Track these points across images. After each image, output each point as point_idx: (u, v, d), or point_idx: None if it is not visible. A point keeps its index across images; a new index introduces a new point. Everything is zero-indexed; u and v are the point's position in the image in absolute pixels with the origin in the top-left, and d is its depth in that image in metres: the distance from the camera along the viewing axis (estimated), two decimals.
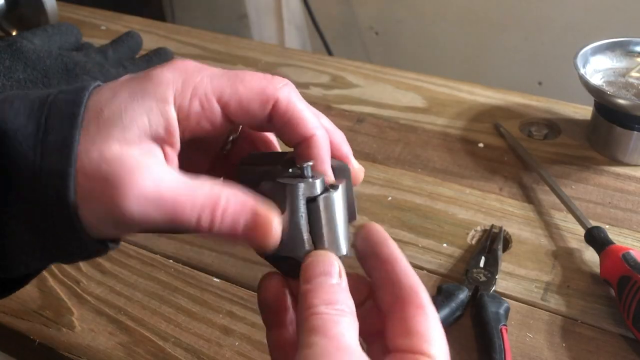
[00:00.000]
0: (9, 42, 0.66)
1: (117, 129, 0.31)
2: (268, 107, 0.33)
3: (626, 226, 0.54)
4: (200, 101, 0.33)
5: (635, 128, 0.59)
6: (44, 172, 0.30)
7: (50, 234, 0.32)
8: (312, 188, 0.33)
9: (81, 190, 0.31)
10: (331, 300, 0.30)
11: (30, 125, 0.31)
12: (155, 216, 0.30)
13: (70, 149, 0.30)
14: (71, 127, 0.31)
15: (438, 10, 1.43)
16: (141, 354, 0.45)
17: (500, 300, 0.45)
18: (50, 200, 0.31)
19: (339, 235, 0.34)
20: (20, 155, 0.31)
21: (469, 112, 0.70)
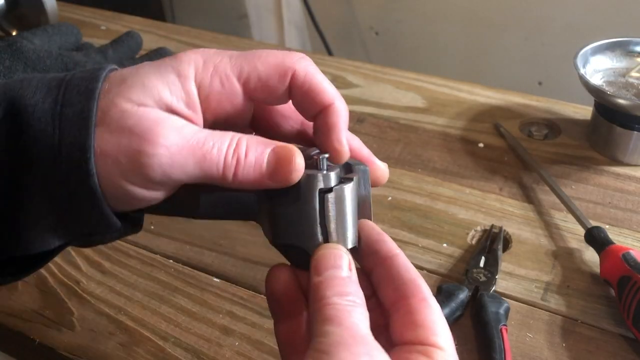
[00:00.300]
0: (9, 42, 0.66)
1: (140, 93, 0.31)
2: (286, 79, 0.34)
3: (626, 226, 0.54)
4: (221, 79, 0.33)
5: (635, 128, 0.59)
6: (64, 145, 0.30)
7: (71, 207, 0.31)
8: (327, 180, 0.33)
9: (105, 148, 0.31)
10: (343, 292, 0.30)
11: (48, 100, 0.31)
12: (182, 163, 0.31)
13: (89, 121, 0.30)
14: (88, 99, 0.31)
15: (438, 10, 1.43)
16: (141, 354, 0.45)
17: (500, 300, 0.45)
18: (70, 173, 0.31)
19: (348, 227, 0.35)
20: (38, 130, 0.31)
21: (469, 112, 0.70)
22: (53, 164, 0.31)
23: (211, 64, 0.33)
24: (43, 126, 0.31)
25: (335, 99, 0.34)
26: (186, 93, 0.32)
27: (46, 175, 0.31)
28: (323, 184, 0.34)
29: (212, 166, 0.31)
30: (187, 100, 0.32)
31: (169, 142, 0.30)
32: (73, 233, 0.32)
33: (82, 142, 0.30)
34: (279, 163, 0.32)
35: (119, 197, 0.32)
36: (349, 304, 0.30)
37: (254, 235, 0.54)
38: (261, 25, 1.55)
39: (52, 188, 0.31)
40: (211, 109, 0.33)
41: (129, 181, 0.31)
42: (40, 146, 0.31)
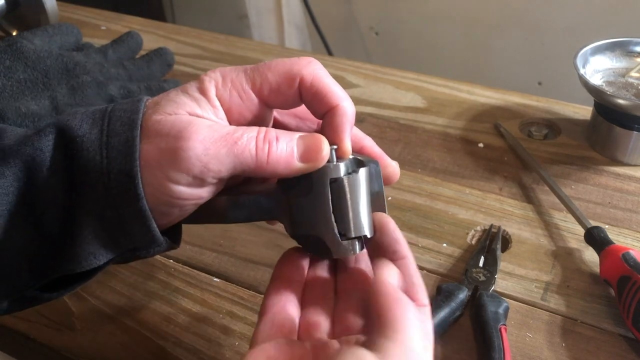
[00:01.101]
0: (9, 42, 0.66)
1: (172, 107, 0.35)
2: (295, 84, 0.37)
3: (626, 226, 0.54)
4: (238, 92, 0.36)
5: (635, 128, 0.59)
6: (112, 173, 0.34)
7: (121, 226, 0.35)
8: (337, 170, 0.36)
9: (147, 157, 0.34)
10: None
11: (94, 131, 0.35)
12: (216, 153, 0.34)
13: (133, 147, 0.34)
14: (132, 129, 0.34)
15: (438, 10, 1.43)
16: (141, 354, 0.45)
17: (500, 300, 0.45)
18: (119, 197, 0.34)
19: (361, 216, 0.37)
20: (88, 159, 0.34)
21: (468, 112, 0.70)
22: (104, 189, 0.34)
23: (229, 80, 0.36)
24: (92, 155, 0.34)
25: (341, 100, 0.37)
26: (213, 107, 0.36)
27: (97, 199, 0.34)
28: (334, 174, 0.36)
29: (245, 152, 0.34)
30: (215, 112, 0.36)
31: (201, 136, 0.34)
32: (121, 249, 0.36)
33: (129, 169, 0.34)
34: (308, 146, 0.36)
35: (164, 207, 0.35)
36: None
37: (254, 235, 0.54)
38: (261, 25, 1.55)
39: (103, 210, 0.34)
40: (234, 119, 0.37)
41: (172, 181, 0.34)
42: (90, 173, 0.34)
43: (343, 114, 0.37)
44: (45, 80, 0.64)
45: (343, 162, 0.36)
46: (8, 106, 0.61)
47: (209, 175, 0.34)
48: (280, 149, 0.35)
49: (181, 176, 0.34)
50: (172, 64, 0.75)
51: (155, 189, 0.34)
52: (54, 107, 0.63)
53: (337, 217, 0.36)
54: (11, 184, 0.34)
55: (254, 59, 0.82)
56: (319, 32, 1.49)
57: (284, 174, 0.36)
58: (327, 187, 0.36)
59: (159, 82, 0.70)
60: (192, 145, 0.33)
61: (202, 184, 0.35)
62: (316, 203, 0.36)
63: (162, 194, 0.34)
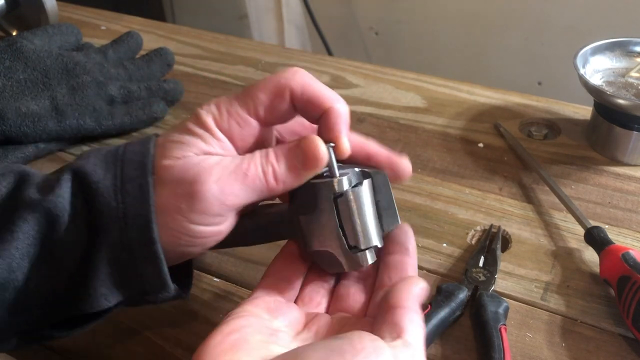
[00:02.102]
0: (9, 42, 0.66)
1: (179, 150, 0.36)
2: (286, 97, 0.38)
3: (626, 226, 0.54)
4: (237, 121, 0.37)
5: (634, 128, 0.59)
6: (129, 218, 0.35)
7: (134, 269, 0.36)
8: (340, 185, 0.36)
9: (164, 202, 0.36)
10: None
11: (108, 176, 0.36)
12: (231, 188, 0.35)
13: (147, 194, 0.35)
14: (144, 174, 0.36)
15: (438, 10, 1.43)
16: (141, 353, 0.45)
17: (500, 300, 0.45)
18: (135, 241, 0.35)
19: (369, 227, 0.37)
20: (104, 205, 0.36)
21: (468, 112, 0.70)
22: (119, 234, 0.35)
23: (224, 110, 0.38)
24: (107, 201, 0.36)
25: (333, 102, 0.38)
26: (218, 139, 0.37)
27: (114, 243, 0.35)
28: (337, 189, 0.36)
29: (255, 180, 0.36)
30: (221, 145, 0.37)
31: (215, 177, 0.35)
32: (131, 292, 0.37)
33: (145, 214, 0.35)
34: (306, 152, 0.36)
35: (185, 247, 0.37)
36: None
37: None
38: (261, 25, 1.55)
39: (119, 253, 0.36)
40: (239, 146, 0.38)
41: (194, 222, 0.36)
42: (107, 219, 0.35)
43: (336, 114, 0.38)
44: (45, 80, 0.64)
45: (346, 175, 0.37)
46: (8, 106, 0.61)
47: (227, 210, 0.36)
48: (282, 167, 0.37)
49: (202, 217, 0.35)
50: (172, 64, 0.75)
51: (176, 232, 0.36)
52: (54, 107, 0.63)
53: (345, 231, 0.37)
54: (32, 228, 0.35)
55: (253, 59, 0.82)
56: (319, 32, 1.49)
57: (298, 185, 0.37)
58: (332, 203, 0.36)
59: (159, 82, 0.70)
60: (208, 188, 0.35)
61: (220, 220, 0.37)
62: (323, 219, 0.37)
63: (183, 235, 0.36)
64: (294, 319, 0.36)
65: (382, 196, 0.39)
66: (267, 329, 0.34)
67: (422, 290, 0.35)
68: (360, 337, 0.30)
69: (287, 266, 0.40)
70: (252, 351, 0.31)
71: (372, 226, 0.37)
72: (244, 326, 0.33)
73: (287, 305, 0.37)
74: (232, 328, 0.33)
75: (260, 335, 0.33)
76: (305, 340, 0.35)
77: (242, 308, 0.35)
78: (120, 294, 0.37)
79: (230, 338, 0.32)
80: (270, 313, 0.35)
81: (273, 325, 0.35)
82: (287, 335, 0.34)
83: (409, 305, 0.33)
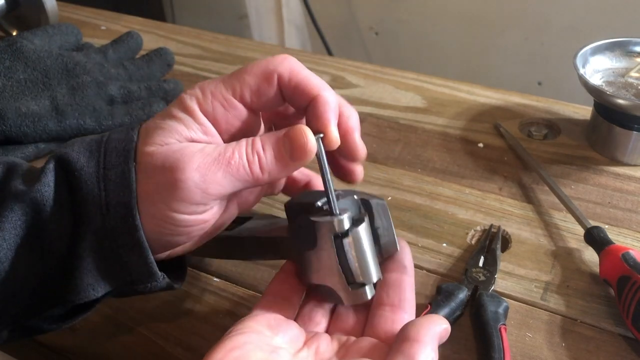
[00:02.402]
0: (9, 42, 0.66)
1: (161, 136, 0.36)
2: (274, 82, 0.37)
3: (626, 226, 0.54)
4: (221, 102, 0.36)
5: (634, 128, 0.59)
6: (111, 205, 0.35)
7: (119, 258, 0.36)
8: (340, 225, 0.36)
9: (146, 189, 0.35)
10: None
11: (92, 165, 0.36)
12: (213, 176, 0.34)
13: (129, 181, 0.35)
14: (127, 161, 0.35)
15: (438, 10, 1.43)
16: (141, 353, 0.45)
17: (500, 300, 0.45)
18: (118, 228, 0.35)
19: (368, 264, 0.37)
20: (87, 192, 0.35)
21: (468, 112, 0.70)
22: (102, 221, 0.35)
23: (208, 92, 0.37)
24: (90, 188, 0.35)
25: (321, 90, 0.37)
26: (200, 124, 0.36)
27: (96, 230, 0.35)
28: (337, 229, 0.36)
29: (239, 169, 0.35)
30: (203, 129, 0.36)
31: (196, 164, 0.34)
32: (118, 281, 0.36)
33: (127, 201, 0.35)
34: (294, 142, 0.35)
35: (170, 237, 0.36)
36: None
37: None
38: (261, 25, 1.55)
39: (102, 241, 0.35)
40: (223, 129, 0.37)
41: (176, 210, 0.35)
42: (90, 206, 0.35)
43: (324, 102, 0.37)
44: (45, 80, 0.64)
45: (346, 214, 0.36)
46: (8, 106, 0.61)
47: (210, 199, 0.35)
48: (270, 156, 0.36)
49: (184, 205, 0.35)
50: (172, 64, 0.75)
51: (159, 220, 0.35)
52: (54, 107, 0.63)
53: (344, 268, 0.37)
54: (19, 218, 0.35)
55: (253, 59, 0.82)
56: (319, 32, 1.49)
57: (285, 175, 0.37)
58: (332, 242, 0.36)
59: (159, 82, 0.70)
60: (189, 176, 0.34)
61: (205, 208, 0.36)
62: (323, 257, 0.37)
63: (167, 223, 0.35)
64: (294, 336, 0.36)
65: (381, 223, 0.39)
66: (268, 346, 0.33)
67: (443, 331, 0.34)
68: None
69: (287, 285, 0.39)
70: None
71: (372, 262, 0.37)
72: (245, 343, 0.33)
73: (286, 322, 0.37)
74: (234, 344, 0.32)
75: (262, 352, 0.33)
76: (305, 358, 0.35)
77: (243, 324, 0.35)
78: (108, 283, 0.36)
79: (232, 354, 0.32)
80: (271, 330, 0.35)
81: (274, 342, 0.34)
82: (287, 352, 0.34)
83: (426, 341, 0.32)
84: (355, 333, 0.37)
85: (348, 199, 0.38)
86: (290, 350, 0.35)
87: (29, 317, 0.37)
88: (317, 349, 0.35)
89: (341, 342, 0.36)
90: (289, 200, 0.40)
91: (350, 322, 0.38)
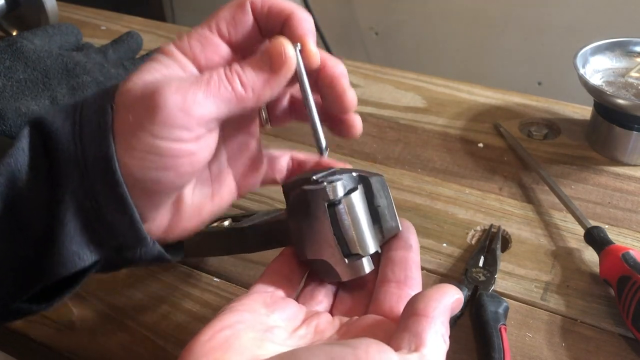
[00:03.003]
0: (9, 42, 0.66)
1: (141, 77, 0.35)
2: (247, 10, 0.37)
3: (626, 226, 0.54)
4: (198, 39, 0.37)
5: (634, 128, 0.59)
6: (88, 161, 0.33)
7: (102, 219, 0.34)
8: (333, 192, 0.35)
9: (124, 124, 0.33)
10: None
11: (67, 125, 0.34)
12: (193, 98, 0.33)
13: (106, 132, 0.33)
14: (104, 113, 0.34)
15: (438, 10, 1.43)
16: (141, 354, 0.45)
17: (500, 300, 0.45)
18: (97, 184, 0.33)
19: (365, 234, 0.36)
20: (63, 150, 0.33)
21: (468, 112, 0.70)
22: (81, 179, 0.33)
23: (185, 35, 0.37)
24: (66, 146, 0.33)
25: (294, 9, 0.37)
26: (178, 62, 0.36)
27: (75, 190, 0.33)
28: (330, 197, 0.35)
29: (220, 89, 0.34)
30: (182, 67, 0.36)
31: (174, 87, 0.33)
32: (105, 247, 0.34)
33: (104, 152, 0.33)
34: (272, 52, 0.35)
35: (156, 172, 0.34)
36: None
37: None
38: None
39: (82, 201, 0.33)
40: (204, 66, 0.36)
41: (159, 137, 0.33)
42: (67, 164, 0.33)
43: (298, 18, 0.36)
44: (45, 80, 0.64)
45: (340, 181, 0.35)
46: (8, 106, 0.61)
47: (193, 122, 0.33)
48: (250, 73, 0.35)
49: (166, 130, 0.33)
50: None
51: (141, 152, 0.33)
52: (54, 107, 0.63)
53: (340, 239, 0.35)
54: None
55: None
56: (319, 32, 1.49)
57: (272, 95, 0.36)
58: (325, 211, 0.35)
59: None
60: (168, 96, 0.33)
61: (189, 135, 0.34)
62: (317, 227, 0.35)
63: (150, 154, 0.33)
64: (292, 314, 0.35)
65: (382, 201, 0.38)
66: (262, 325, 0.32)
67: (455, 302, 0.32)
68: (368, 346, 0.28)
69: (287, 266, 0.38)
70: (244, 350, 0.30)
71: (369, 233, 0.36)
72: (237, 322, 0.31)
73: (284, 300, 0.35)
74: (224, 324, 0.31)
75: (254, 332, 0.31)
76: (303, 337, 0.33)
77: (238, 302, 0.33)
78: (94, 251, 0.34)
79: (221, 335, 0.30)
80: (267, 307, 0.34)
81: (269, 320, 0.33)
82: (283, 331, 0.33)
83: (435, 315, 0.30)
84: (358, 314, 0.36)
85: (345, 174, 0.37)
86: (287, 329, 0.33)
87: (15, 299, 0.35)
88: (317, 326, 0.34)
89: (343, 321, 0.35)
90: (286, 180, 0.40)
91: (353, 303, 0.37)
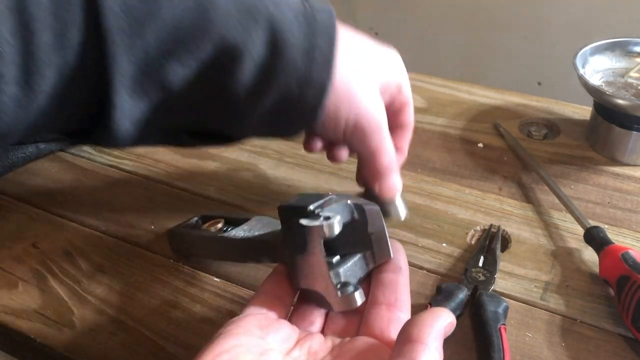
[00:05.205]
0: None
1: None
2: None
3: (625, 226, 0.54)
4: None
5: (634, 128, 0.59)
6: (309, 81, 0.39)
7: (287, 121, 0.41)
8: (330, 230, 0.36)
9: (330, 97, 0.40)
10: None
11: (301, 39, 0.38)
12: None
13: (331, 67, 0.39)
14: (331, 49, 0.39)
15: (438, 10, 1.43)
16: (141, 354, 0.45)
17: (499, 300, 0.45)
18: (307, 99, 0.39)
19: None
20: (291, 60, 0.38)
21: (468, 112, 0.70)
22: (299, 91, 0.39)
23: None
24: (295, 62, 0.38)
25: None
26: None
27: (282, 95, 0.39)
28: (326, 234, 0.36)
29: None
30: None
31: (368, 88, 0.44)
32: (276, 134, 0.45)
33: (324, 83, 0.39)
34: None
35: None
36: None
37: None
38: None
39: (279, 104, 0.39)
40: None
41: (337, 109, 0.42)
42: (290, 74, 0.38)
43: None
44: None
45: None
46: None
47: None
48: None
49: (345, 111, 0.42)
50: None
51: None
52: None
53: (334, 273, 0.37)
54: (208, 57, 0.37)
55: None
56: None
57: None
58: (322, 248, 0.36)
59: None
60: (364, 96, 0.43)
61: None
62: (312, 261, 0.37)
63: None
64: (285, 336, 0.36)
65: (375, 229, 0.39)
66: (258, 348, 0.33)
67: (448, 326, 0.33)
68: None
69: (279, 285, 0.39)
70: None
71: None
72: (235, 346, 0.32)
73: (277, 321, 0.36)
74: (222, 348, 0.32)
75: (251, 355, 0.32)
76: (297, 359, 0.34)
77: (233, 324, 0.34)
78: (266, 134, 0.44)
79: (220, 359, 0.31)
80: (262, 329, 0.35)
81: (264, 343, 0.34)
82: (278, 353, 0.34)
83: (429, 342, 0.31)
84: (350, 334, 0.37)
85: (341, 203, 0.38)
86: (282, 351, 0.34)
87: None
88: (310, 348, 0.35)
89: (335, 342, 0.36)
90: (283, 203, 0.40)
91: (345, 323, 0.38)
